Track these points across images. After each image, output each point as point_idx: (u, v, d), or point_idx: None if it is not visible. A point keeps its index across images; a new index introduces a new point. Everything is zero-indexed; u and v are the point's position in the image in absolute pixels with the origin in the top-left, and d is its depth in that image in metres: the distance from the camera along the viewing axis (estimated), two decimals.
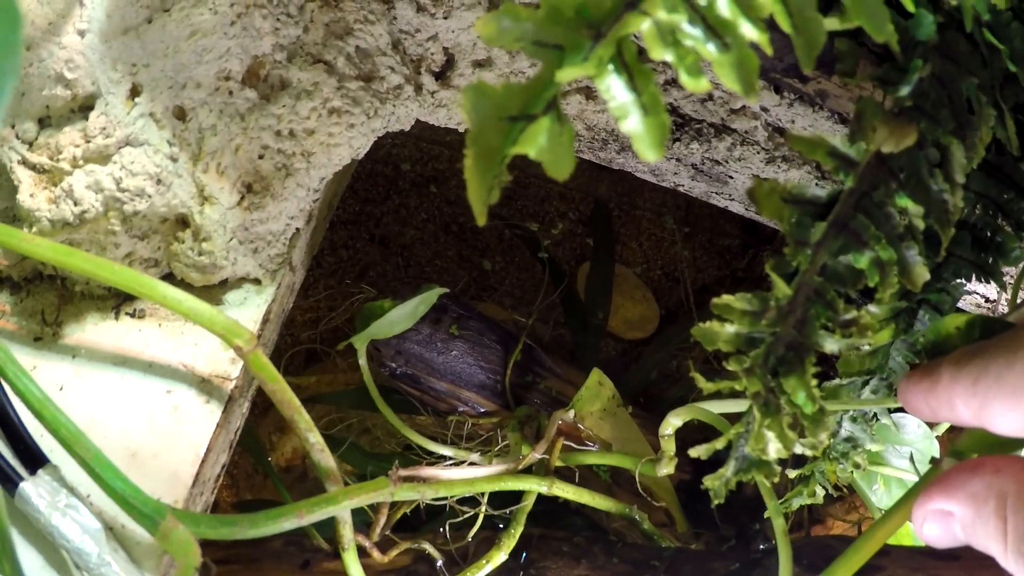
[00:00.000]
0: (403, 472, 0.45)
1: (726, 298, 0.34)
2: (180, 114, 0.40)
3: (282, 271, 0.44)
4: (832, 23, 0.24)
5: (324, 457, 0.41)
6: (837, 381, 0.46)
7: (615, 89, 0.25)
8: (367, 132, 0.44)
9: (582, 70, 0.25)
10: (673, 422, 0.48)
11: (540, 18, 0.25)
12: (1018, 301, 0.45)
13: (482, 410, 0.58)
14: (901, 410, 0.63)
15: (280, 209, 0.43)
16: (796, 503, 0.60)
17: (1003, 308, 0.59)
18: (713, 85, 0.49)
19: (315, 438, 0.41)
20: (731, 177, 0.57)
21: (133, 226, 0.40)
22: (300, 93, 0.42)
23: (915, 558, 0.46)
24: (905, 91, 0.29)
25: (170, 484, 0.39)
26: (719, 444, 0.37)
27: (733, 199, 0.60)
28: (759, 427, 0.36)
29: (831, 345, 0.35)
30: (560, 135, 0.25)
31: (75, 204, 0.39)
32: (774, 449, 0.38)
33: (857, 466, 0.56)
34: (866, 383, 0.47)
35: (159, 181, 0.40)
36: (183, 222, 0.41)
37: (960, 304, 0.52)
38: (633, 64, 0.25)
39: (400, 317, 0.51)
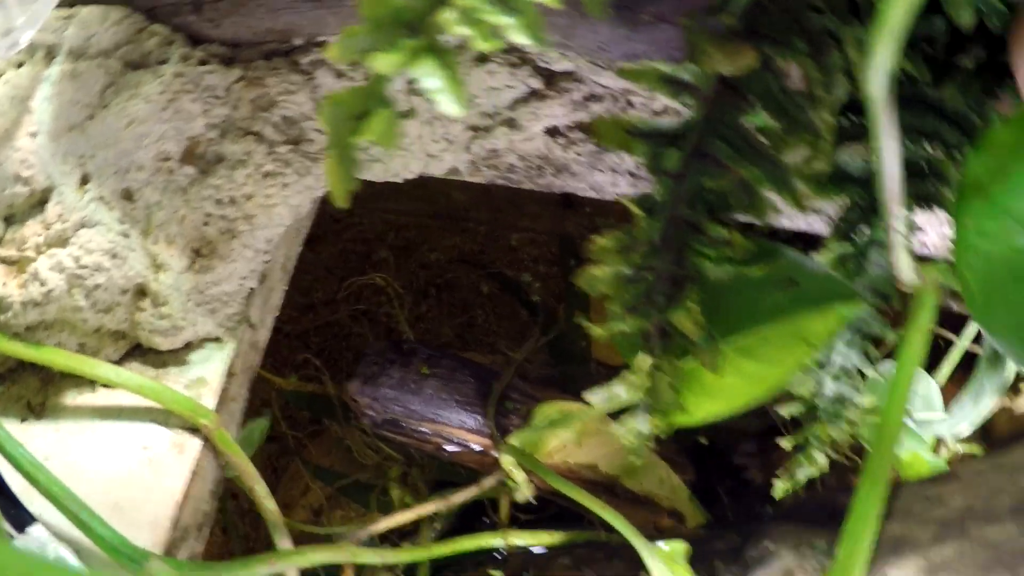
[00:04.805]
0: (361, 533, 0.49)
1: (598, 240, 0.36)
2: (127, 195, 0.45)
3: (241, 328, 0.48)
4: None
5: (278, 520, 0.46)
6: None
7: (429, 72, 0.29)
8: (302, 189, 0.49)
9: (394, 58, 0.29)
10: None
11: (368, 29, 0.29)
12: None
13: (473, 446, 0.60)
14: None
15: (230, 270, 0.47)
16: (801, 474, 0.58)
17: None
18: (631, 91, 0.53)
19: (271, 505, 0.46)
20: None
21: (97, 300, 0.44)
22: (235, 163, 0.47)
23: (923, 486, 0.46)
24: (730, 15, 0.32)
25: (152, 530, 0.41)
26: (621, 391, 0.39)
27: None
28: (647, 370, 0.38)
29: (715, 271, 0.37)
30: (391, 122, 0.30)
31: (41, 285, 0.43)
32: (668, 395, 0.39)
33: (852, 424, 0.56)
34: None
35: (115, 255, 0.44)
36: (143, 292, 0.45)
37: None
38: (441, 50, 0.29)
39: None
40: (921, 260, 0.41)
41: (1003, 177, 0.30)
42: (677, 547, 0.48)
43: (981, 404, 0.64)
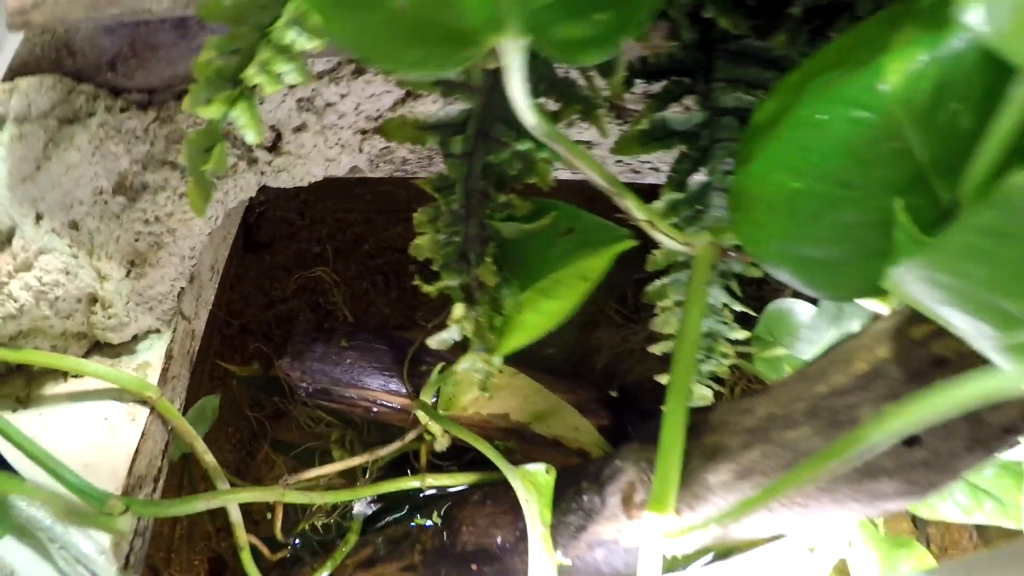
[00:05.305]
0: (291, 478, 0.60)
1: (416, 214, 0.47)
2: (74, 225, 0.57)
3: (176, 320, 0.59)
4: None
5: (216, 469, 0.57)
6: (659, 281, 0.53)
7: (239, 114, 0.40)
8: (212, 203, 0.60)
9: (216, 107, 0.40)
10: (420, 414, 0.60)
11: (204, 87, 0.40)
12: None
13: (395, 406, 0.71)
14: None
15: (161, 275, 0.58)
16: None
17: None
18: None
19: (209, 458, 0.57)
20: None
21: (59, 309, 0.56)
22: (156, 189, 0.59)
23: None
24: None
25: (112, 478, 0.53)
26: (453, 334, 0.49)
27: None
28: (467, 316, 0.48)
29: (506, 230, 0.47)
30: (223, 153, 0.41)
31: (15, 302, 0.55)
32: (489, 335, 0.49)
33: (724, 356, 0.62)
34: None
35: (68, 273, 0.56)
36: (93, 299, 0.57)
37: None
38: (246, 95, 0.40)
39: None
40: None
41: (781, 116, 0.30)
42: (540, 469, 0.58)
43: (843, 326, 0.70)
